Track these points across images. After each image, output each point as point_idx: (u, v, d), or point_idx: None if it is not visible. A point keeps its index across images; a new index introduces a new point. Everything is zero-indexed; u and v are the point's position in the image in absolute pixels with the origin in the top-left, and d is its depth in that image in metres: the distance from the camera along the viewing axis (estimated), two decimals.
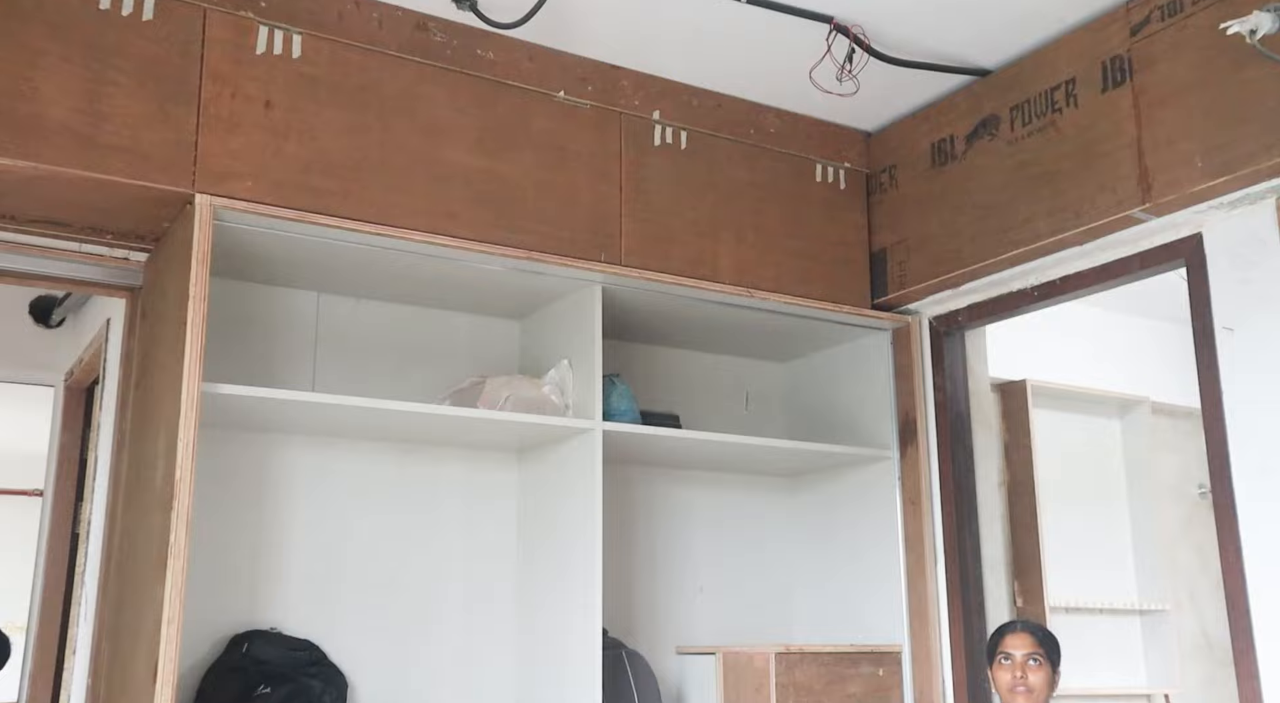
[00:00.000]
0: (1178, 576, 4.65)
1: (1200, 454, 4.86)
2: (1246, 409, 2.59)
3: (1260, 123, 2.48)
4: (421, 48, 2.83)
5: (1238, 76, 2.53)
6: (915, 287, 3.30)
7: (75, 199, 2.54)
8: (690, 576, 3.51)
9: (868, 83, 3.07)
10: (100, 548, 2.93)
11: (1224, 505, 2.62)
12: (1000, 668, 2.78)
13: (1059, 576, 4.16)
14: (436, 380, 3.15)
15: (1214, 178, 2.57)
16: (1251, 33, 2.21)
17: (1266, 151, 2.47)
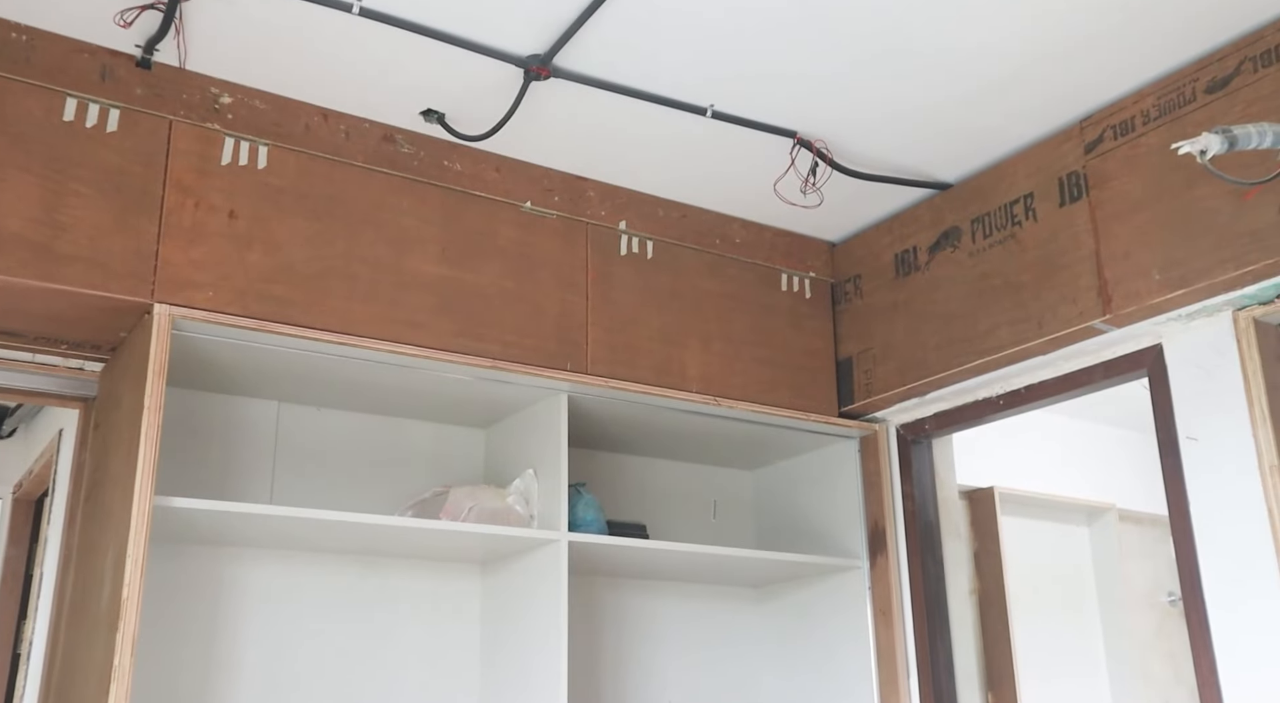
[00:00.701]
0: (1151, 684, 4.58)
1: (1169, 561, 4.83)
2: (1213, 517, 2.56)
3: (1214, 238, 2.50)
4: (388, 159, 2.82)
5: (1190, 193, 2.56)
6: (882, 395, 3.26)
7: (30, 308, 2.48)
8: (658, 688, 3.40)
9: (831, 195, 3.09)
10: (41, 669, 2.79)
11: (1196, 616, 2.57)
12: None
13: (1033, 685, 4.08)
14: (399, 491, 3.07)
15: (1172, 290, 2.58)
16: (1202, 153, 2.22)
17: (1221, 266, 2.48)
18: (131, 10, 2.35)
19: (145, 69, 2.55)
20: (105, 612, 2.34)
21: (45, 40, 2.46)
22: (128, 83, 2.53)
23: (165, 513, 2.42)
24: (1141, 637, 4.63)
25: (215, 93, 2.63)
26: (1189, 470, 2.62)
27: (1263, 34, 2.50)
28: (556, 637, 2.80)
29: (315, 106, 2.75)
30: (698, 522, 3.60)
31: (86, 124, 2.46)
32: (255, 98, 2.68)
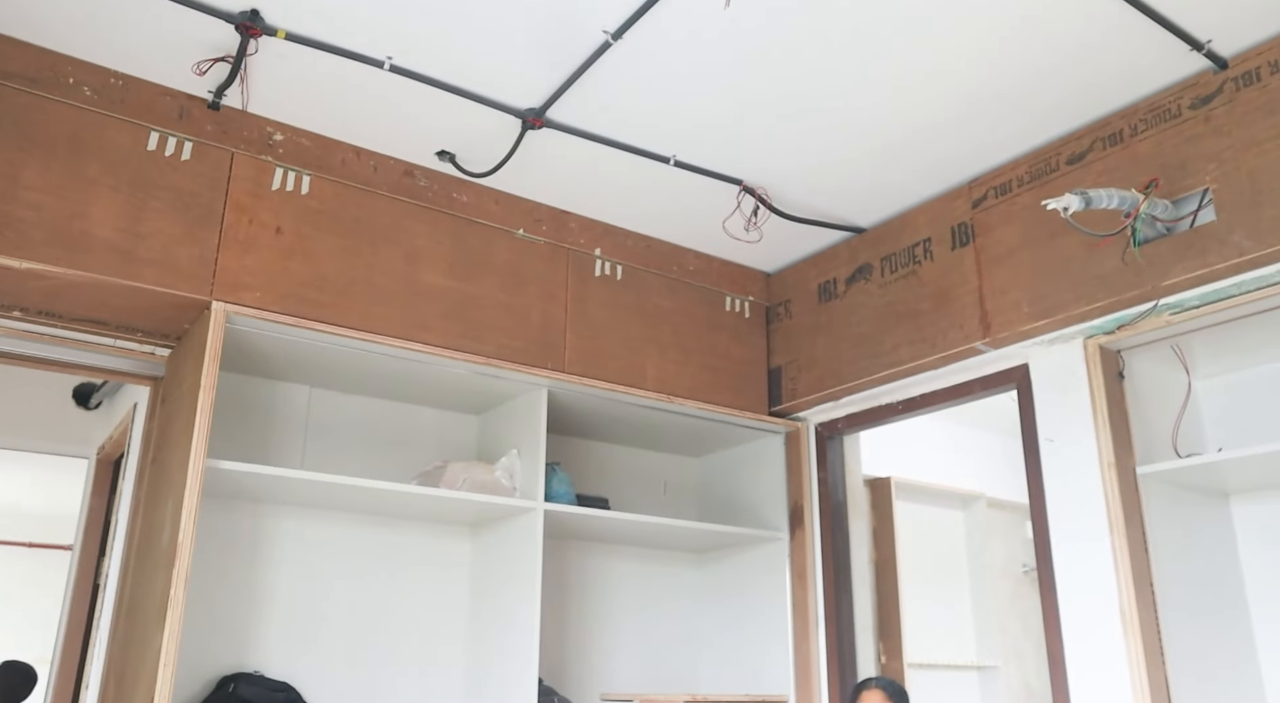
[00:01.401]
0: (1006, 638, 4.65)
1: (1025, 540, 4.98)
2: (1064, 502, 2.62)
3: (1070, 279, 2.58)
4: (408, 190, 2.84)
5: (1054, 243, 2.64)
6: (804, 398, 3.31)
7: (114, 302, 2.48)
8: (614, 633, 3.42)
9: (769, 233, 3.14)
10: (114, 598, 2.78)
11: (1047, 582, 2.63)
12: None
13: (915, 638, 4.14)
14: (406, 463, 3.09)
15: (1037, 320, 2.65)
16: (1065, 209, 2.29)
17: (1076, 301, 2.56)
18: (206, 61, 2.37)
19: (215, 110, 2.57)
20: (164, 552, 2.34)
21: (136, 85, 2.48)
22: (200, 121, 2.54)
23: (215, 473, 2.43)
24: (1001, 600, 4.71)
25: (270, 131, 2.65)
26: (1046, 465, 2.68)
27: (1109, 121, 2.59)
28: (532, 589, 2.82)
29: (350, 145, 2.77)
30: (651, 498, 3.63)
31: (165, 153, 2.47)
32: (302, 136, 2.70)
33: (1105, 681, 2.43)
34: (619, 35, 2.28)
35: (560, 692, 3.09)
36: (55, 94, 2.37)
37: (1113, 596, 2.44)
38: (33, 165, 2.31)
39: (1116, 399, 2.59)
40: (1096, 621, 2.48)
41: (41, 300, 2.48)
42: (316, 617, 2.87)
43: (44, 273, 2.30)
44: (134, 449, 2.98)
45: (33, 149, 2.32)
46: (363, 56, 2.38)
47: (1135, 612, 2.40)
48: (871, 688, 2.78)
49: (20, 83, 2.33)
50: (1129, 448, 2.56)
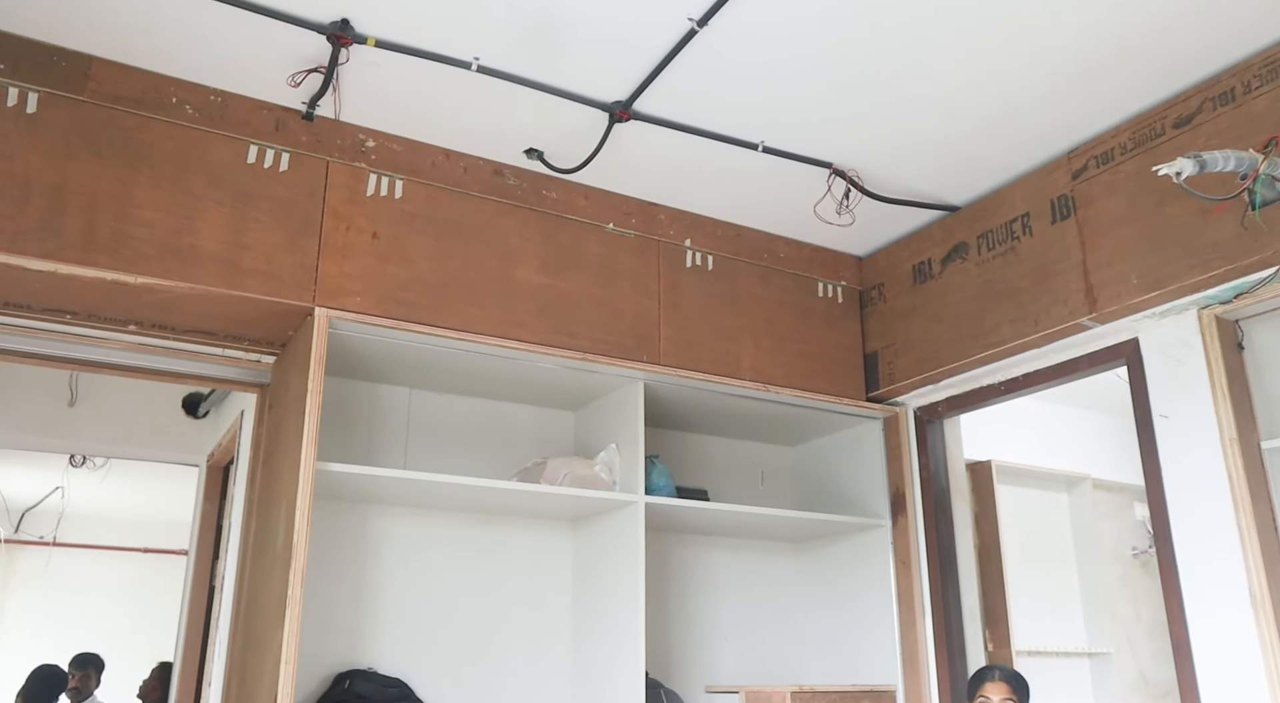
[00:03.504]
0: (1117, 624, 4.51)
1: (1132, 522, 4.81)
2: (1181, 481, 2.52)
3: (1182, 248, 2.48)
4: (498, 189, 2.86)
5: (1162, 212, 2.53)
6: (902, 382, 3.25)
7: (221, 312, 2.55)
8: (716, 625, 3.40)
9: (860, 216, 3.07)
10: (231, 599, 2.86)
11: (1167, 564, 2.53)
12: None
13: (1022, 624, 4.03)
14: (505, 461, 3.11)
15: (1147, 293, 2.55)
16: (1177, 174, 2.19)
17: (1189, 271, 2.46)
18: (300, 73, 2.42)
19: (309, 121, 2.62)
20: (280, 554, 2.40)
21: (234, 101, 2.54)
22: (295, 132, 2.60)
23: (324, 476, 2.48)
24: (1109, 584, 4.56)
25: (362, 138, 2.69)
26: (1162, 443, 2.58)
27: (1219, 79, 2.47)
28: (635, 581, 2.81)
29: (440, 147, 2.80)
30: (749, 488, 3.60)
31: (264, 165, 2.53)
32: (393, 142, 2.73)
33: (1235, 665, 2.33)
34: (705, 22, 2.26)
35: (666, 685, 3.08)
36: (160, 114, 2.44)
37: (1240, 577, 2.34)
38: (143, 184, 2.38)
39: (1236, 372, 2.47)
40: (1223, 603, 2.38)
41: (154, 314, 2.56)
42: (424, 613, 2.91)
43: (157, 287, 2.37)
44: (243, 455, 3.06)
45: (142, 168, 2.39)
46: (450, 58, 2.40)
47: (1266, 593, 2.29)
48: (995, 679, 2.69)
49: (128, 105, 2.41)
50: (1252, 422, 2.44)
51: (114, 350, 2.67)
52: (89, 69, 2.38)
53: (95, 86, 2.38)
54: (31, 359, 2.66)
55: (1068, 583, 4.54)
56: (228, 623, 2.87)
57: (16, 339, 2.57)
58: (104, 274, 2.30)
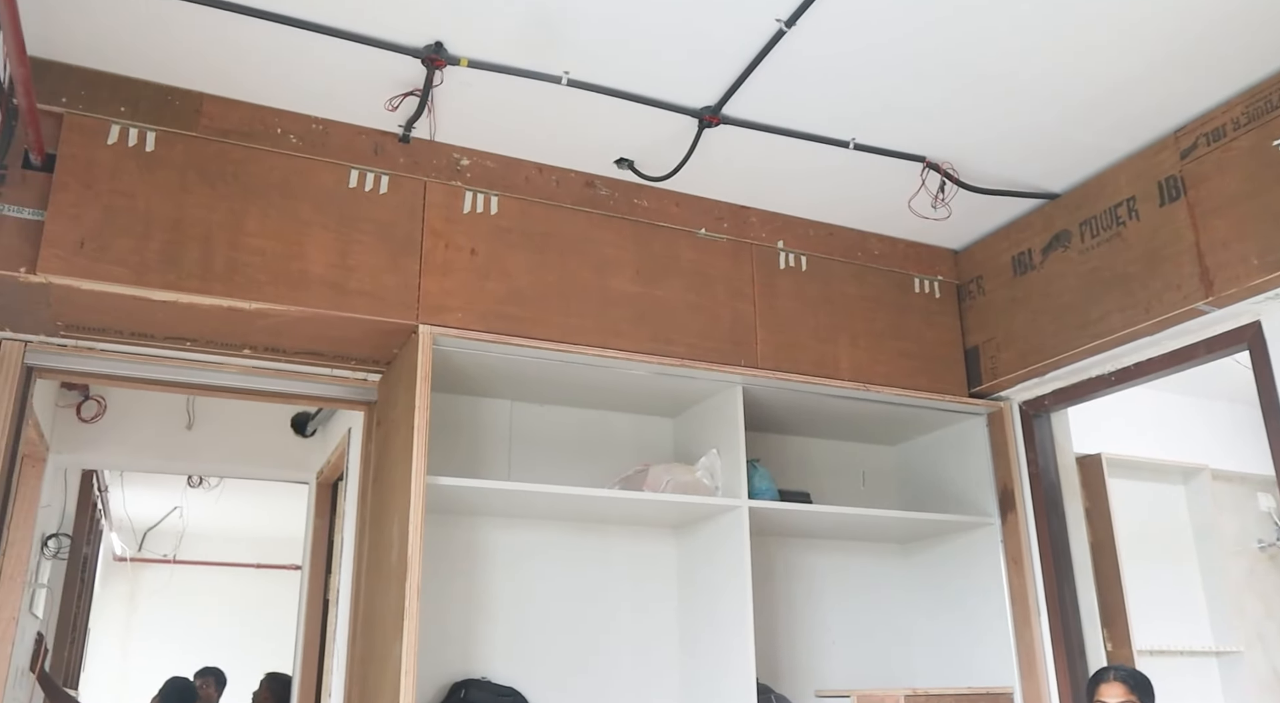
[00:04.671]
0: (1246, 621, 4.29)
1: (1256, 513, 4.58)
2: None
3: None
4: (590, 200, 2.88)
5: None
6: (1005, 376, 3.16)
7: (329, 333, 2.62)
8: (823, 628, 3.36)
9: (956, 208, 3.00)
10: (348, 612, 2.94)
11: None
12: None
13: (1142, 624, 3.87)
14: (607, 470, 3.12)
15: (1269, 273, 2.43)
16: None
17: None
18: (397, 97, 2.47)
19: (405, 143, 2.68)
20: (395, 567, 2.45)
21: (335, 127, 2.61)
22: (393, 155, 2.66)
23: (434, 489, 2.53)
24: (1235, 579, 4.34)
25: (457, 157, 2.74)
26: None
27: None
28: (741, 586, 2.80)
29: (532, 162, 2.83)
30: (850, 490, 3.54)
31: (365, 189, 2.60)
32: (487, 159, 2.78)
33: None
34: (793, 22, 2.24)
35: (775, 689, 3.05)
36: (266, 145, 2.53)
37: None
38: (253, 213, 2.47)
39: None
40: None
41: (267, 337, 2.64)
42: (534, 622, 2.94)
43: (269, 312, 2.45)
44: (352, 471, 3.14)
45: (252, 198, 2.48)
46: (541, 74, 2.43)
47: None
48: (1111, 680, 2.60)
49: (236, 138, 2.50)
50: None
51: (229, 374, 2.77)
52: (200, 106, 2.48)
53: (206, 122, 2.48)
54: (155, 385, 2.77)
55: (1189, 579, 4.35)
56: (345, 636, 2.94)
57: (142, 367, 2.69)
58: (221, 302, 2.39)
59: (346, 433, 3.38)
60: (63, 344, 2.61)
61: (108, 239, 2.31)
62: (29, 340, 2.58)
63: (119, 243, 2.32)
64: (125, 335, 2.60)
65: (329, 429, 4.05)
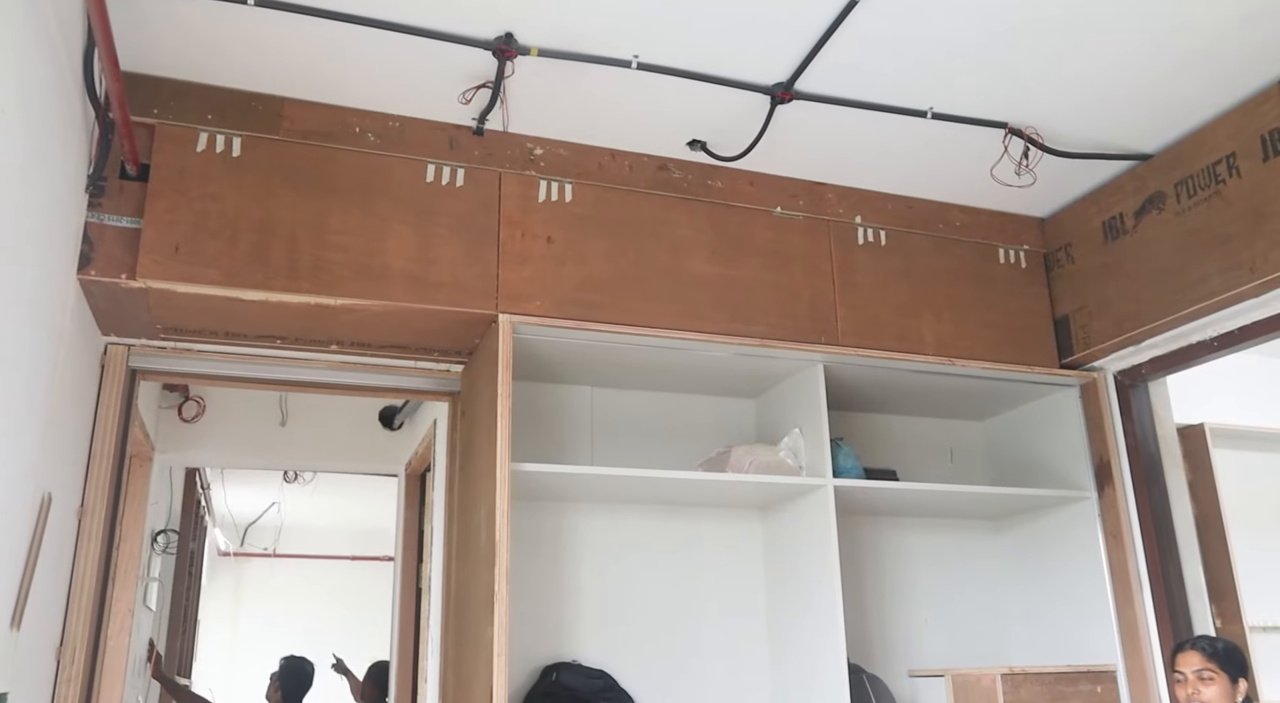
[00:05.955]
0: None
1: None
2: None
3: None
4: (663, 184, 2.88)
5: None
6: (1099, 346, 3.07)
7: (412, 326, 2.68)
8: (914, 608, 3.32)
9: (1041, 174, 2.92)
10: (439, 598, 3.01)
11: None
12: (1177, 685, 2.55)
13: (1253, 598, 3.73)
14: (689, 452, 3.13)
15: None
16: None
17: None
18: (470, 90, 2.51)
19: (479, 136, 2.72)
20: (484, 553, 2.50)
21: (411, 124, 2.67)
22: (468, 148, 2.71)
23: (519, 476, 2.57)
24: None
25: (530, 147, 2.77)
26: None
27: None
28: (830, 566, 2.78)
29: (605, 148, 2.85)
30: (938, 467, 3.49)
31: (442, 183, 2.65)
32: (560, 147, 2.80)
33: None
34: None
35: (867, 670, 3.03)
36: (346, 144, 2.59)
37: None
38: (335, 212, 2.54)
39: None
40: None
41: (352, 332, 2.72)
42: (622, 606, 2.98)
43: (354, 307, 2.52)
44: (439, 461, 3.22)
45: (334, 197, 2.55)
46: (610, 59, 2.44)
47: None
48: (1188, 650, 2.55)
49: (318, 139, 2.57)
50: None
51: (318, 370, 2.86)
52: (282, 110, 2.56)
53: (288, 125, 2.55)
54: (249, 383, 2.88)
55: None
56: (438, 622, 3.02)
57: (236, 366, 2.79)
58: (308, 299, 2.47)
59: (432, 424, 3.46)
60: (162, 347, 2.72)
61: (200, 243, 2.41)
62: (132, 344, 2.70)
63: (210, 246, 2.41)
64: (219, 336, 2.70)
65: (415, 422, 4.15)
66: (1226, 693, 2.46)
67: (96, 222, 2.37)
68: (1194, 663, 2.51)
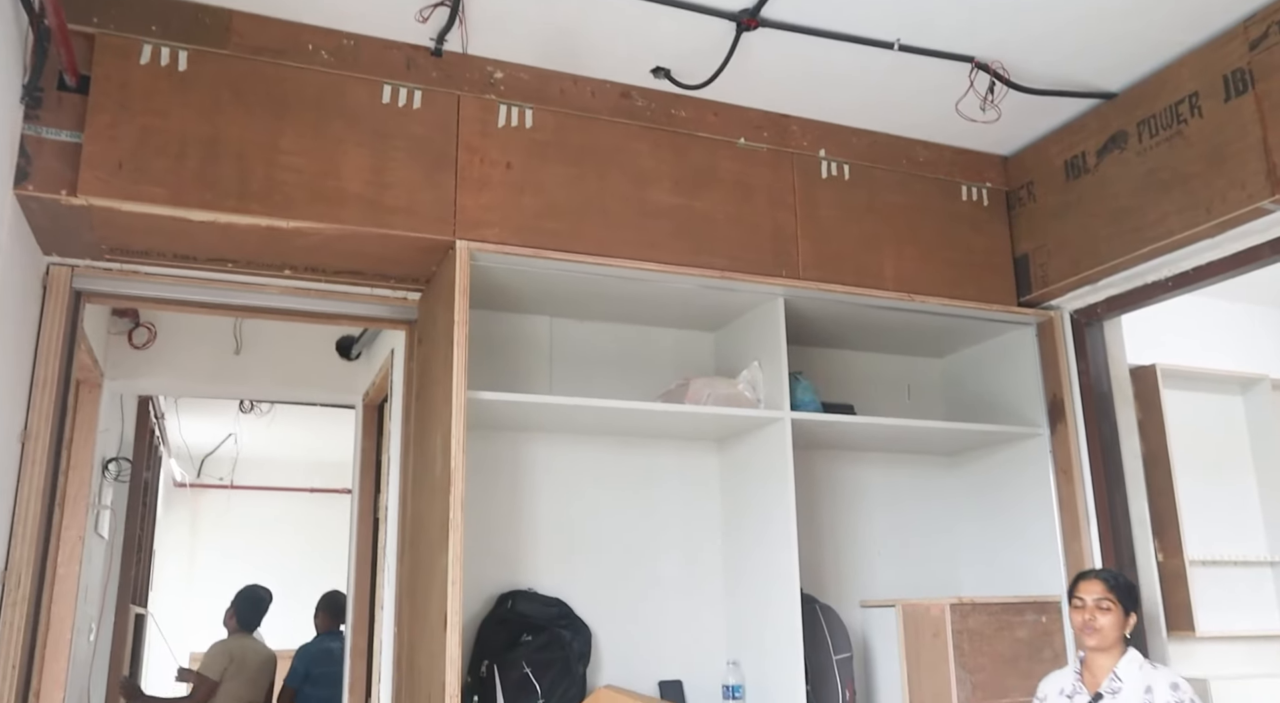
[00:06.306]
0: None
1: None
2: None
3: None
4: (626, 111, 2.83)
5: None
6: (1056, 284, 3.09)
7: (368, 252, 2.63)
8: (868, 541, 3.39)
9: (1006, 111, 2.90)
10: (396, 528, 3.02)
11: None
12: (1074, 611, 2.59)
13: (1195, 534, 3.84)
14: (648, 384, 3.14)
15: None
16: None
17: None
18: (428, 8, 2.43)
19: (437, 57, 2.64)
20: (439, 481, 2.50)
21: (366, 43, 2.59)
22: (426, 69, 2.63)
23: (475, 404, 2.56)
24: None
25: (490, 70, 2.70)
26: None
27: None
28: (785, 499, 2.81)
29: (567, 74, 2.78)
30: (895, 403, 3.52)
31: (399, 104, 2.58)
32: (520, 71, 2.73)
33: None
34: None
35: (820, 600, 3.09)
36: (298, 62, 2.51)
37: None
38: (287, 131, 2.47)
39: None
40: None
41: (306, 257, 2.66)
42: (579, 536, 3.00)
43: (308, 230, 2.46)
44: (396, 391, 3.19)
45: (286, 116, 2.47)
46: None
47: None
48: (1091, 579, 2.59)
49: (269, 56, 2.48)
50: None
51: (271, 295, 2.81)
52: (230, 23, 2.46)
53: (238, 40, 2.46)
54: (201, 308, 2.82)
55: (1245, 490, 4.29)
56: (394, 551, 3.03)
57: (186, 290, 2.73)
58: (259, 221, 2.40)
59: (390, 354, 3.42)
60: (108, 268, 2.65)
61: (145, 160, 2.32)
62: (76, 265, 2.63)
63: (156, 163, 2.33)
64: (168, 258, 2.64)
65: (373, 352, 4.11)
66: (1119, 624, 2.53)
67: (34, 134, 2.28)
68: (1095, 591, 2.56)
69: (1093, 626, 2.53)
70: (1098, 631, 2.53)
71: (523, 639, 2.76)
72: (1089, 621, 2.54)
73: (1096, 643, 2.54)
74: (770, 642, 2.84)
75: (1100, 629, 2.53)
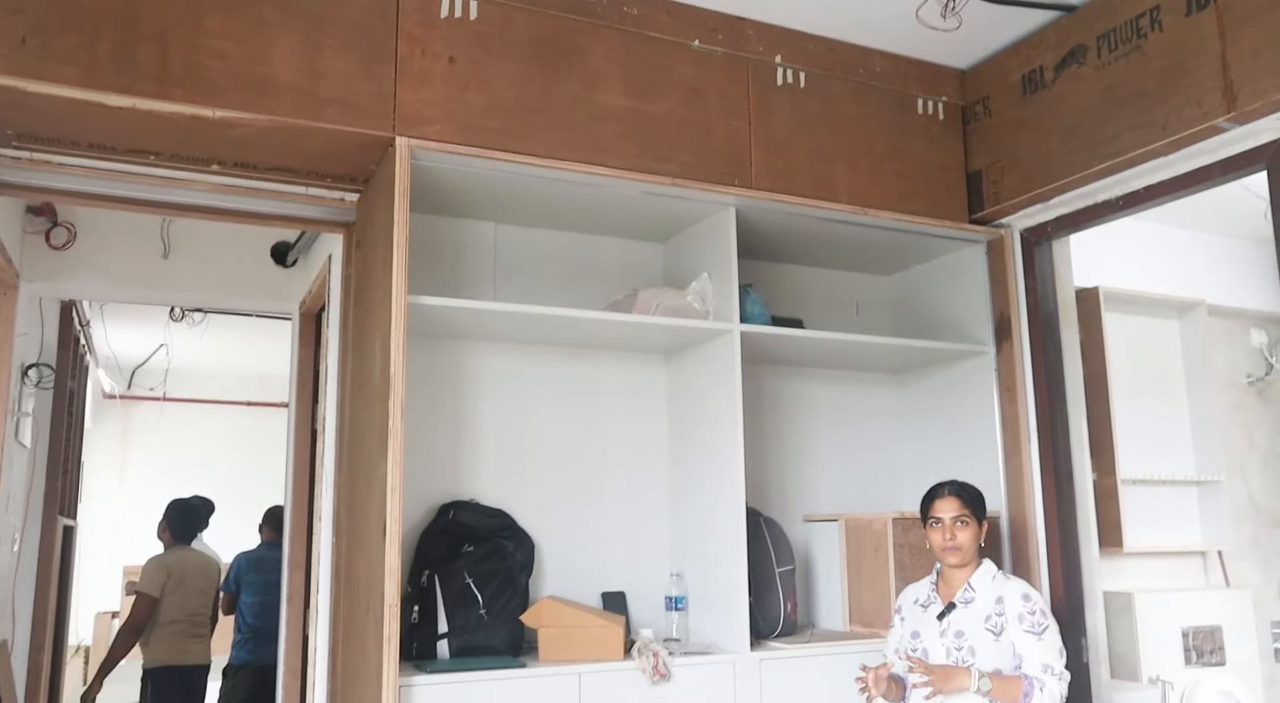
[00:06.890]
0: (1229, 452, 4.37)
1: (1247, 348, 4.60)
2: None
3: None
4: (576, 6, 2.70)
5: None
6: (1008, 202, 3.07)
7: (300, 146, 2.49)
8: (813, 456, 3.40)
9: (966, 21, 2.83)
10: (334, 439, 2.94)
11: None
12: (932, 530, 2.54)
13: (1128, 454, 3.93)
14: (595, 295, 3.07)
15: None
16: None
17: None
18: None
19: None
20: (378, 387, 2.42)
21: None
22: None
23: (416, 309, 2.47)
24: (1222, 413, 4.40)
25: None
26: None
27: None
28: (732, 413, 2.79)
29: None
30: (844, 320, 3.51)
31: None
32: None
33: None
34: None
35: (764, 513, 3.10)
36: None
37: None
38: (213, 12, 2.30)
39: None
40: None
41: (236, 151, 2.52)
42: (523, 447, 2.96)
43: (235, 120, 2.32)
44: (334, 298, 3.08)
45: None
46: None
47: None
48: (945, 496, 2.54)
49: None
50: None
51: (199, 192, 2.66)
52: None
53: None
54: (122, 204, 2.66)
55: (1177, 412, 4.40)
56: (332, 462, 2.96)
57: (104, 183, 2.57)
58: (182, 108, 2.25)
59: (327, 260, 3.30)
60: (17, 156, 2.48)
61: (51, 36, 2.15)
62: None
63: (65, 40, 2.16)
64: (83, 148, 2.47)
65: (309, 259, 3.96)
66: (976, 536, 2.52)
67: None
68: (951, 509, 2.51)
69: (953, 545, 2.48)
70: (959, 549, 2.48)
71: (464, 550, 2.73)
72: (949, 540, 2.49)
73: (958, 561, 2.49)
74: (714, 554, 2.85)
75: (961, 547, 2.48)
